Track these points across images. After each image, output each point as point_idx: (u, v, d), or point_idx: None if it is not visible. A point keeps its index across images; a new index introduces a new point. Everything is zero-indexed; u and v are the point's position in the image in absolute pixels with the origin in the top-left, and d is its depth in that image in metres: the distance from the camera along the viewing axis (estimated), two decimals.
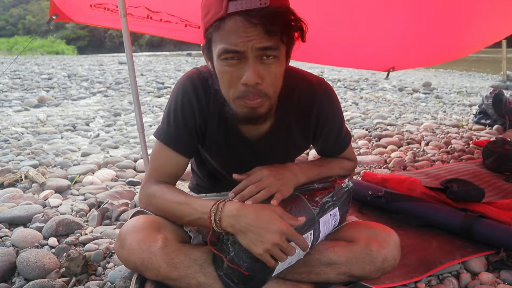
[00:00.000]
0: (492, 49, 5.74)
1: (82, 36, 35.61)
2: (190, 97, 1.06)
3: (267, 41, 0.87)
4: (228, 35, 0.88)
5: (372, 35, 2.36)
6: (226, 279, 0.96)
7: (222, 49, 0.89)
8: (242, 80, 0.90)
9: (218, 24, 0.89)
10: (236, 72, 0.91)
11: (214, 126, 1.09)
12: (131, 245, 0.97)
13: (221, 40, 0.89)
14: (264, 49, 0.88)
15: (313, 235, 1.01)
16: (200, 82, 1.06)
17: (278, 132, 1.12)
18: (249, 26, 0.86)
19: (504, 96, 3.58)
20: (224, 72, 0.93)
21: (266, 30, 0.86)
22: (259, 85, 0.91)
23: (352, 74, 8.83)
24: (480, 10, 2.22)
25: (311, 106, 1.11)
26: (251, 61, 0.89)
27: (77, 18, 2.17)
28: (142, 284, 1.05)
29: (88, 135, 3.42)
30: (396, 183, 1.82)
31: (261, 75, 0.90)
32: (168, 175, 1.10)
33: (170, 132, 1.08)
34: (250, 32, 0.86)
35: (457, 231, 1.47)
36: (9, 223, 1.63)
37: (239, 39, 0.87)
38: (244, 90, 0.92)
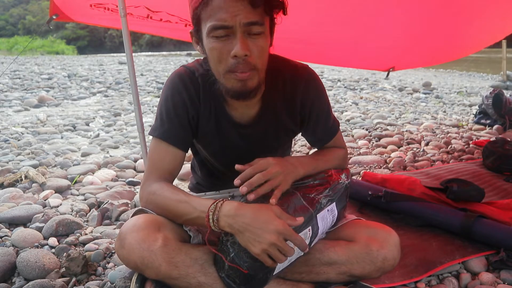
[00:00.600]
0: (492, 49, 5.74)
1: (82, 36, 35.60)
2: (180, 91, 1.10)
3: (253, 15, 0.94)
4: (215, 11, 0.93)
5: (372, 35, 2.36)
6: (227, 280, 0.96)
7: (211, 26, 0.94)
8: (232, 53, 0.95)
9: (206, 2, 0.94)
10: (225, 47, 0.96)
11: (206, 114, 1.13)
12: (131, 244, 0.97)
13: (210, 17, 0.95)
14: (250, 24, 0.94)
15: (312, 231, 1.01)
16: (188, 76, 1.11)
17: (266, 115, 1.15)
18: (235, 0, 0.92)
19: (504, 96, 3.58)
20: (214, 48, 0.97)
21: (251, 2, 0.92)
22: (248, 57, 0.96)
23: (352, 74, 8.82)
24: (480, 10, 2.22)
25: (295, 89, 1.15)
26: (239, 35, 0.94)
27: (77, 17, 2.17)
28: (142, 284, 1.05)
29: (88, 135, 3.42)
30: (396, 183, 1.82)
31: (249, 47, 0.96)
32: (166, 171, 1.10)
33: (164, 127, 1.11)
34: (236, 6, 0.92)
35: (457, 231, 1.47)
36: (9, 223, 1.63)
37: (227, 14, 0.92)
38: (234, 63, 0.97)
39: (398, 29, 2.32)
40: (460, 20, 2.30)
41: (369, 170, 2.36)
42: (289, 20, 1.05)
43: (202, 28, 0.99)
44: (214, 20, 0.94)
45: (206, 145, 1.20)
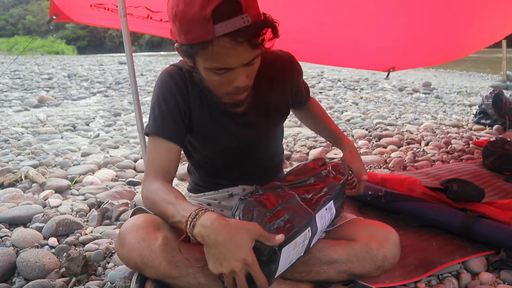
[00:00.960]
0: (492, 49, 5.74)
1: (82, 36, 35.60)
2: (170, 86, 1.12)
3: (253, 53, 0.96)
4: (217, 56, 0.94)
5: (372, 35, 2.36)
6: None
7: (213, 67, 0.96)
8: (234, 84, 0.99)
9: (205, 45, 0.92)
10: (226, 78, 0.99)
11: (198, 107, 1.15)
12: (131, 243, 0.98)
13: (210, 59, 0.95)
14: (251, 61, 0.98)
15: (311, 231, 1.01)
16: (177, 72, 1.13)
17: (257, 100, 1.18)
18: (237, 45, 0.91)
19: (504, 96, 3.58)
20: (213, 80, 1.01)
21: (251, 45, 0.93)
22: (248, 83, 1.02)
23: (352, 74, 8.82)
24: (480, 10, 2.22)
25: (284, 72, 1.22)
26: (241, 71, 0.98)
27: (77, 18, 2.17)
28: (142, 284, 1.05)
29: (88, 135, 3.43)
30: (396, 183, 1.82)
31: (248, 76, 1.01)
32: (163, 167, 1.10)
33: (157, 123, 1.12)
34: (238, 50, 0.93)
35: (457, 231, 1.47)
36: (9, 223, 1.63)
37: (230, 58, 0.94)
38: (235, 90, 1.02)
39: (398, 29, 2.32)
40: (460, 20, 2.30)
41: (369, 170, 2.36)
42: (289, 20, 1.06)
43: (197, 59, 0.98)
44: (216, 63, 0.95)
45: (202, 139, 1.21)
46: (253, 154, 1.25)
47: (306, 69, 8.88)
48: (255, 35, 0.92)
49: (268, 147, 1.31)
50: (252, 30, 0.91)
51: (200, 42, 0.92)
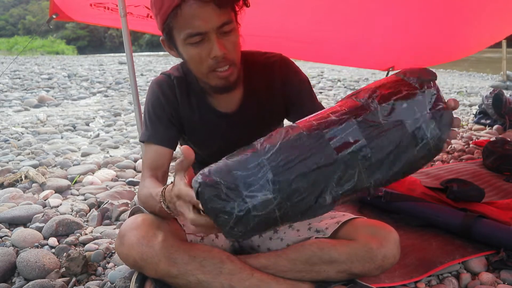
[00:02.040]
0: (492, 49, 5.74)
1: (82, 36, 35.61)
2: (157, 95, 1.17)
3: (223, 16, 0.98)
4: (187, 20, 0.97)
5: (372, 34, 2.36)
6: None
7: (186, 34, 0.99)
8: (211, 54, 1.01)
9: (175, 12, 0.97)
10: (203, 50, 1.01)
11: (187, 111, 1.18)
12: (131, 241, 0.99)
13: (183, 26, 0.99)
14: (222, 25, 0.99)
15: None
16: (164, 80, 1.19)
17: (248, 102, 1.20)
18: (203, 5, 0.96)
19: (504, 96, 3.58)
20: (192, 54, 1.03)
21: (218, 4, 0.96)
22: (226, 54, 1.02)
23: (352, 74, 8.82)
24: (480, 10, 2.22)
25: (272, 73, 1.20)
26: (214, 37, 0.99)
27: (77, 17, 2.17)
28: (142, 284, 1.06)
29: (88, 135, 3.42)
30: (396, 183, 1.82)
31: (225, 46, 1.02)
32: (155, 168, 1.15)
33: (148, 131, 1.18)
34: (206, 11, 0.96)
35: (457, 231, 1.47)
36: (9, 223, 1.63)
37: (199, 21, 0.97)
38: (214, 62, 1.03)
39: (398, 29, 2.32)
40: (460, 20, 2.30)
41: None
42: (289, 20, 1.06)
43: (175, 36, 1.03)
44: (188, 28, 0.98)
45: (195, 141, 1.24)
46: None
47: (306, 69, 8.89)
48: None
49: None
50: None
51: (170, 11, 0.97)
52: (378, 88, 0.79)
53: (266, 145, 0.74)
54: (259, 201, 0.70)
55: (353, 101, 0.78)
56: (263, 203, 0.70)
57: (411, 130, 0.75)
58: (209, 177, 0.70)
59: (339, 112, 0.76)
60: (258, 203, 0.70)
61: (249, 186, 0.69)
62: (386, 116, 0.74)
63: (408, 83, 0.79)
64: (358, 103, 0.76)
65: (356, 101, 0.77)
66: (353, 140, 0.73)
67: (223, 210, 0.69)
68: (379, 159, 0.75)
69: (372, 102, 0.76)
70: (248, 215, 0.70)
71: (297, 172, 0.71)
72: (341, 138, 0.73)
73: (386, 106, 0.75)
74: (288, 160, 0.71)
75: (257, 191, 0.69)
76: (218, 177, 0.70)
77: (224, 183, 0.69)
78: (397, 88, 0.77)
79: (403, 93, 0.76)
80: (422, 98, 0.76)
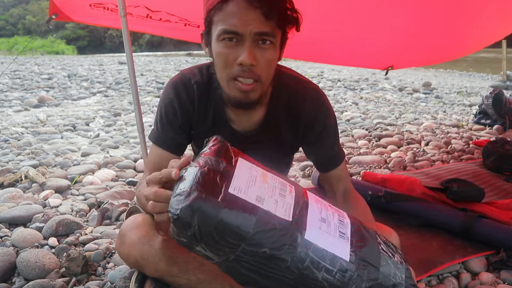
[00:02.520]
0: (492, 49, 5.75)
1: (82, 36, 35.59)
2: (172, 99, 1.12)
3: (265, 26, 0.92)
4: (228, 17, 0.92)
5: (371, 33, 2.36)
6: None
7: (222, 29, 0.93)
8: (238, 60, 0.94)
9: (220, 6, 0.93)
10: (233, 53, 0.95)
11: (201, 121, 1.14)
12: (131, 240, 0.99)
13: (222, 21, 0.94)
14: (261, 34, 0.93)
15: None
16: (182, 83, 1.12)
17: (267, 126, 1.13)
18: (249, 8, 0.91)
19: (504, 96, 3.59)
20: (221, 53, 0.96)
21: (264, 13, 0.91)
22: (253, 67, 0.95)
23: (352, 74, 8.82)
24: (480, 10, 2.22)
25: (301, 104, 1.12)
26: (248, 43, 0.93)
27: (76, 17, 2.17)
28: (142, 284, 1.06)
29: (88, 135, 3.42)
30: (396, 183, 1.82)
31: (256, 57, 0.94)
32: (157, 170, 1.11)
33: (158, 133, 1.16)
34: (249, 14, 0.91)
35: (457, 231, 1.47)
36: (9, 223, 1.63)
37: (239, 20, 0.92)
38: (239, 70, 0.95)
39: (397, 28, 2.32)
40: (460, 19, 2.30)
41: (369, 170, 2.36)
42: None
43: (212, 31, 0.98)
44: (226, 24, 0.93)
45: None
46: None
47: (306, 69, 8.88)
48: (269, 5, 0.91)
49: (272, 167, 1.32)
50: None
51: (216, 4, 0.93)
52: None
53: (258, 238, 0.71)
54: (205, 254, 0.72)
55: (346, 272, 0.76)
56: (207, 256, 0.73)
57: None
58: (191, 216, 0.68)
59: (331, 269, 0.74)
60: (203, 254, 0.72)
61: (209, 246, 0.71)
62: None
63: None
64: (353, 263, 0.76)
65: (355, 262, 0.77)
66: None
67: (179, 232, 0.70)
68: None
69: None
70: (190, 248, 0.73)
71: (251, 274, 0.73)
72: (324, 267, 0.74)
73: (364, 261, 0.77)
74: (255, 265, 0.72)
75: (211, 252, 0.72)
76: (197, 222, 0.68)
77: (195, 230, 0.68)
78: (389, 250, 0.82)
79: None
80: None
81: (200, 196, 0.69)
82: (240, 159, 0.81)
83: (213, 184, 0.71)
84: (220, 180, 0.73)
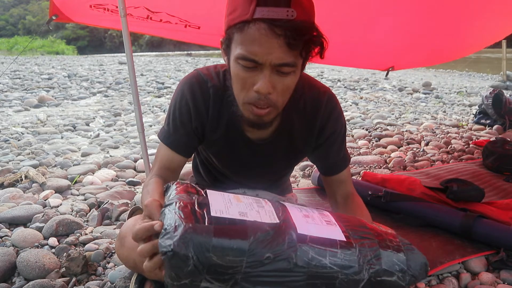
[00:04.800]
0: (492, 49, 5.74)
1: (82, 36, 35.62)
2: (187, 101, 1.08)
3: (287, 56, 0.87)
4: (249, 41, 0.86)
5: (372, 34, 2.36)
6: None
7: (241, 55, 0.88)
8: (255, 87, 0.90)
9: (242, 26, 0.86)
10: (251, 78, 0.90)
11: (213, 126, 1.11)
12: (131, 243, 0.98)
13: (242, 44, 0.88)
14: (282, 65, 0.88)
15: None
16: (199, 85, 1.07)
17: (281, 135, 1.12)
18: (272, 36, 0.84)
19: (504, 96, 3.59)
20: (238, 75, 0.92)
21: (288, 43, 0.84)
22: (270, 95, 0.91)
23: (352, 74, 8.82)
24: (480, 10, 2.22)
25: (316, 113, 1.11)
26: (266, 72, 0.88)
27: (76, 18, 2.16)
28: (142, 284, 1.06)
29: (88, 135, 3.43)
30: (396, 183, 1.82)
31: (274, 85, 0.90)
32: (165, 169, 1.13)
33: (169, 133, 1.12)
34: (271, 42, 0.85)
35: (457, 231, 1.47)
36: (9, 223, 1.63)
37: (260, 49, 0.86)
38: (255, 97, 0.92)
39: (397, 29, 2.32)
40: (460, 20, 2.30)
41: (369, 170, 2.36)
42: None
43: (232, 47, 0.91)
44: (245, 50, 0.87)
45: (213, 153, 1.21)
46: (262, 176, 1.26)
47: (306, 69, 8.81)
48: (294, 34, 0.84)
49: (279, 173, 1.32)
50: (294, 27, 0.83)
51: (238, 22, 0.87)
52: (380, 252, 0.80)
53: (257, 247, 0.71)
54: (212, 287, 0.70)
55: (353, 255, 0.76)
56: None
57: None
58: (186, 247, 0.67)
59: (335, 258, 0.75)
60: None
61: (214, 274, 0.69)
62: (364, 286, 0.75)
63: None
64: (356, 259, 0.76)
65: (355, 257, 0.76)
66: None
67: (178, 273, 0.68)
68: None
69: (365, 269, 0.76)
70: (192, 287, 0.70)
71: (267, 285, 0.71)
72: (318, 285, 0.73)
73: (371, 281, 0.76)
74: (263, 275, 0.70)
75: (217, 281, 0.69)
76: (193, 252, 0.67)
77: (195, 261, 0.67)
78: (393, 266, 0.79)
79: (393, 278, 0.78)
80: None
81: (188, 226, 0.68)
82: (208, 190, 0.81)
83: (194, 213, 0.71)
84: (199, 209, 0.73)
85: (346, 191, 1.20)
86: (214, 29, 2.20)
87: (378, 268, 0.76)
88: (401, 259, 0.80)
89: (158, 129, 3.55)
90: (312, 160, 1.25)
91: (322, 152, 1.18)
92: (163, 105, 4.94)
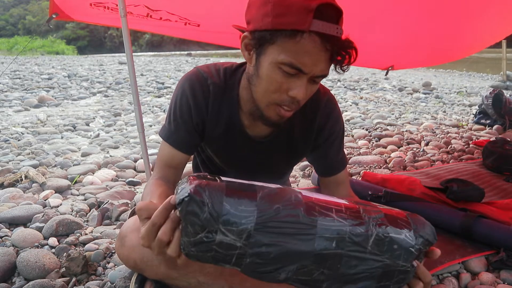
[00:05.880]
0: (492, 49, 5.74)
1: (82, 36, 35.62)
2: (188, 97, 1.09)
3: (327, 69, 0.92)
4: (299, 51, 0.87)
5: (372, 33, 2.36)
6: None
7: (287, 61, 0.88)
8: (291, 92, 0.92)
9: (294, 34, 0.86)
10: (286, 84, 0.92)
11: (213, 123, 1.12)
12: (132, 243, 0.98)
13: (290, 51, 0.87)
14: (321, 76, 0.93)
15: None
16: (199, 82, 1.09)
17: (280, 134, 1.14)
18: (322, 50, 0.87)
19: (504, 96, 3.59)
20: (274, 79, 0.92)
21: (331, 57, 0.89)
22: (302, 100, 0.96)
23: (352, 74, 8.82)
24: (480, 11, 2.22)
25: (315, 113, 1.13)
26: (305, 80, 0.92)
27: (77, 16, 2.16)
28: (142, 284, 1.05)
29: (88, 135, 3.42)
30: (396, 183, 1.82)
31: (307, 92, 0.95)
32: (168, 166, 1.14)
33: (170, 131, 1.13)
34: (320, 55, 0.88)
35: (457, 231, 1.47)
36: (9, 223, 1.63)
37: (309, 60, 0.88)
38: (287, 100, 0.95)
39: (397, 28, 2.32)
40: (460, 20, 2.30)
41: (369, 170, 2.36)
42: None
43: (268, 48, 0.90)
44: (294, 58, 0.87)
45: (213, 151, 1.22)
46: (262, 175, 1.26)
47: None
48: (340, 51, 0.89)
49: (279, 172, 1.33)
50: (341, 44, 0.88)
51: (290, 29, 0.86)
52: (384, 215, 0.82)
53: (266, 200, 0.75)
54: (227, 241, 0.71)
55: (357, 213, 0.79)
56: (228, 245, 0.71)
57: (384, 271, 0.78)
58: (201, 194, 0.70)
59: (341, 213, 0.78)
60: (225, 243, 0.71)
61: (228, 224, 0.71)
62: (374, 244, 0.77)
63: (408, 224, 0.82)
64: (362, 217, 0.79)
65: (360, 214, 0.79)
66: (335, 246, 0.75)
67: (194, 224, 0.70)
68: (344, 274, 0.77)
69: (372, 225, 0.78)
70: (210, 246, 0.72)
71: (274, 241, 0.73)
72: (328, 239, 0.75)
73: (380, 237, 0.78)
74: (274, 226, 0.73)
75: (231, 233, 0.71)
76: (208, 199, 0.70)
77: (210, 208, 0.70)
78: (399, 226, 0.80)
79: (402, 236, 0.79)
80: (412, 252, 0.79)
81: (201, 182, 0.72)
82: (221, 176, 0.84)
83: (206, 178, 0.76)
84: (211, 176, 0.78)
85: (343, 193, 1.22)
86: (214, 26, 2.21)
87: (384, 225, 0.78)
88: (405, 220, 0.82)
89: (158, 129, 3.55)
90: (310, 161, 1.26)
91: (320, 153, 1.19)
92: (163, 105, 4.94)
